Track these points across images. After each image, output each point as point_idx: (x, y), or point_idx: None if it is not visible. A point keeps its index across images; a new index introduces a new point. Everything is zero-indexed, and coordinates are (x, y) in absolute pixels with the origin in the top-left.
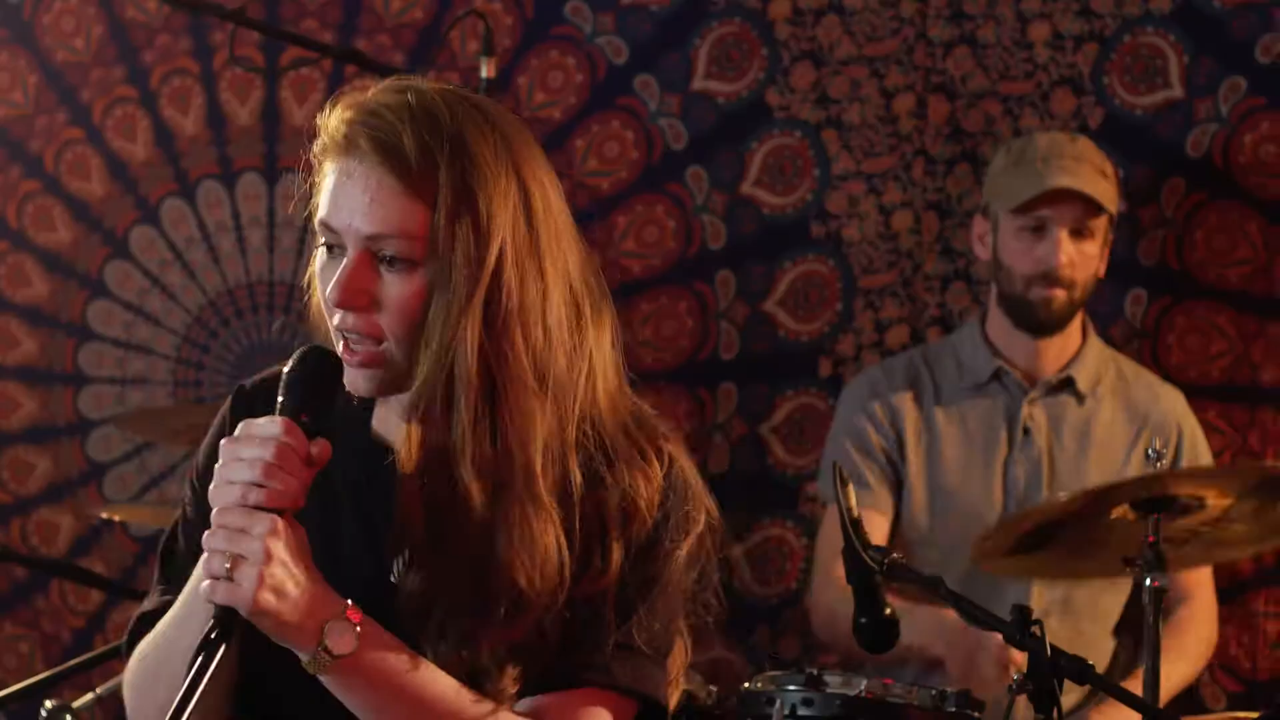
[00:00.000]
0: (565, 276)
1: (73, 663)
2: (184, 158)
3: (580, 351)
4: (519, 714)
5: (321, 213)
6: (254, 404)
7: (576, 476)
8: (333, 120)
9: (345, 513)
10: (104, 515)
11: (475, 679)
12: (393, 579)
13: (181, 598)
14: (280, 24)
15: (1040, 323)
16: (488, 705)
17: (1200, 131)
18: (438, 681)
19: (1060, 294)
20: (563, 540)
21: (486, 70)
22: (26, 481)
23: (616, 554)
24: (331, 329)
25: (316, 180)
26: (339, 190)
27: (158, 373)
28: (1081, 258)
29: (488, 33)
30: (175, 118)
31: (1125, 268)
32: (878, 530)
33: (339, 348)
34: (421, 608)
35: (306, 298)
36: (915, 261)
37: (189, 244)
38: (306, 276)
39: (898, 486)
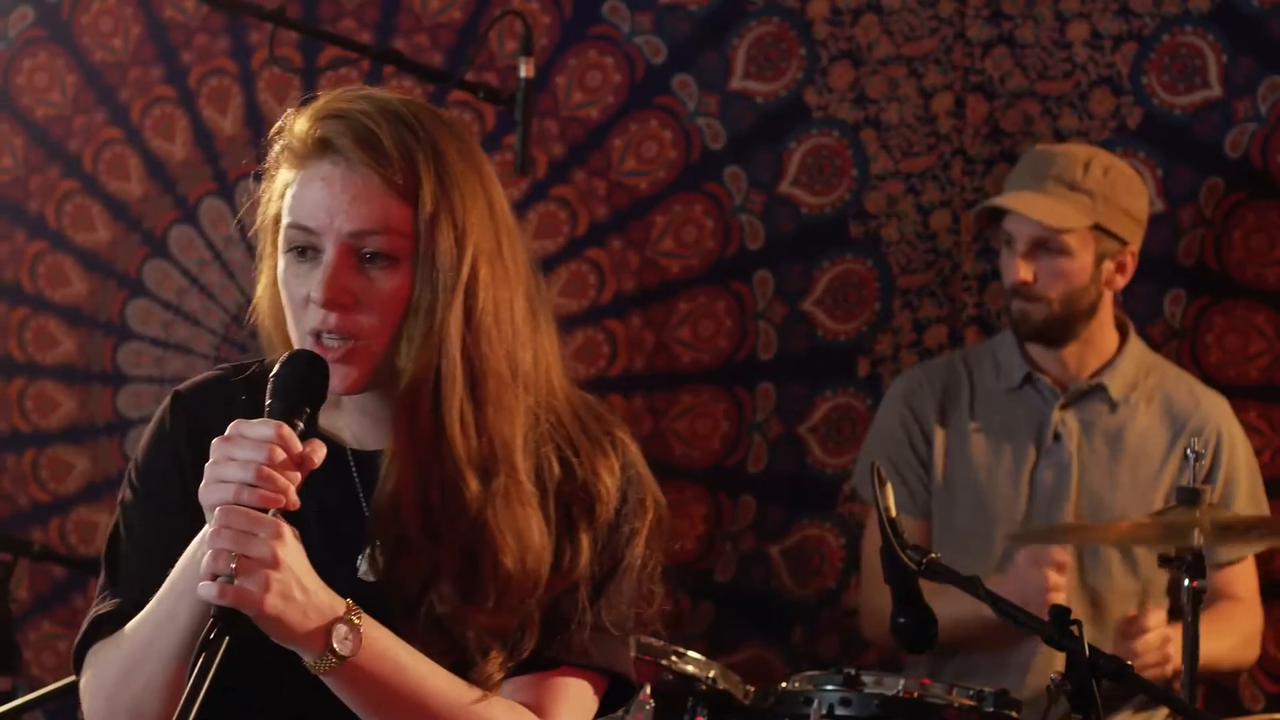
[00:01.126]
0: (521, 274)
1: None
2: (222, 157)
3: (540, 347)
4: (505, 700)
5: (291, 216)
6: (196, 408)
7: (554, 465)
8: (299, 125)
9: (308, 512)
10: None
11: (462, 665)
12: (360, 575)
13: (155, 601)
14: (318, 24)
15: (1027, 334)
16: (481, 696)
17: (1239, 131)
18: (435, 676)
19: (1033, 307)
20: (543, 526)
21: (525, 70)
22: (65, 481)
23: (585, 542)
24: (303, 331)
25: (269, 188)
26: (313, 192)
27: (196, 371)
28: (1052, 273)
29: (526, 32)
30: (214, 117)
31: (1164, 267)
32: (916, 534)
33: (310, 347)
34: (414, 598)
35: (252, 317)
36: (953, 261)
37: (227, 244)
38: (255, 299)
39: (929, 491)
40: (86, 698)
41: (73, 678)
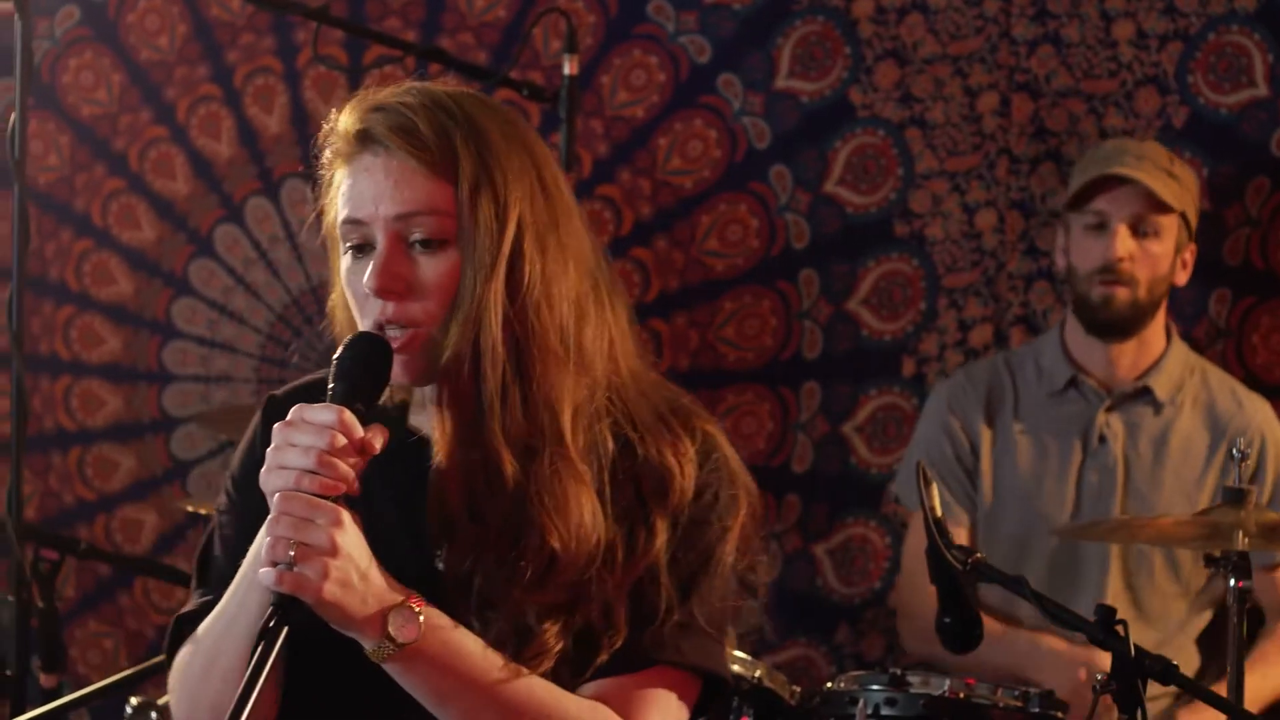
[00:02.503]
0: (581, 252)
1: (156, 660)
2: (268, 156)
3: (601, 325)
4: (587, 697)
5: (343, 213)
6: (284, 412)
7: (608, 441)
8: (341, 124)
9: (386, 505)
10: (189, 508)
11: (517, 640)
12: (438, 566)
13: (228, 595)
14: (364, 22)
15: (1104, 322)
16: (552, 689)
17: None
18: (502, 669)
19: (1121, 291)
20: (596, 502)
21: (569, 68)
22: (111, 479)
23: (660, 527)
24: (366, 325)
25: (328, 193)
26: (359, 184)
27: (241, 370)
28: (1144, 255)
29: (570, 31)
30: (259, 116)
31: (1209, 267)
32: (960, 538)
33: None
34: (463, 580)
35: (325, 322)
36: (999, 260)
37: (273, 242)
38: (330, 305)
39: (973, 498)
40: (173, 695)
41: (118, 676)
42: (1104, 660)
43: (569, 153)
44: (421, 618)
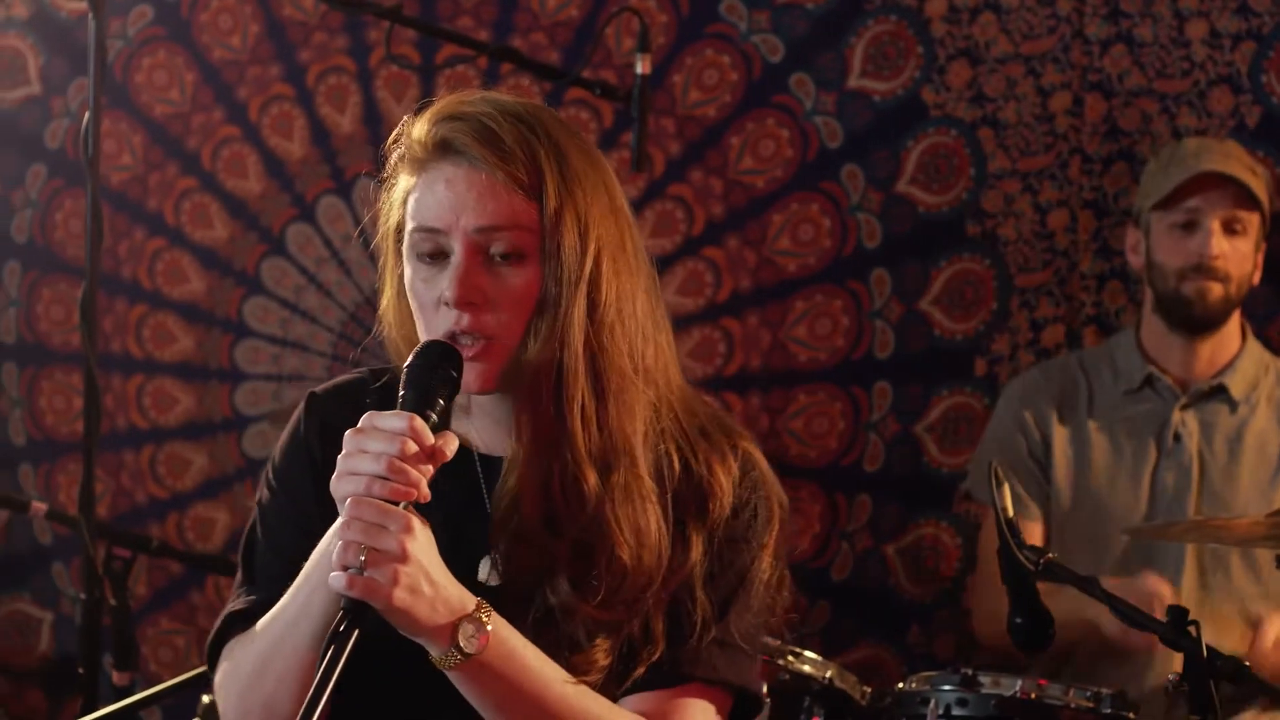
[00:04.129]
0: (645, 272)
1: None
2: (340, 155)
3: (660, 344)
4: (631, 711)
5: (416, 220)
6: (329, 410)
7: (675, 462)
8: (416, 132)
9: (431, 511)
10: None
11: (568, 653)
12: (480, 579)
13: (288, 596)
14: (436, 22)
15: (1196, 319)
16: (604, 703)
17: None
18: (561, 682)
19: (1215, 287)
20: (661, 521)
21: (641, 67)
22: (183, 477)
23: (696, 542)
24: (436, 334)
25: (389, 198)
26: (437, 194)
27: (313, 369)
28: (1235, 253)
29: (643, 30)
30: (331, 115)
31: None
32: (1033, 536)
33: None
34: (525, 591)
35: (376, 330)
36: (1071, 260)
37: (345, 241)
38: (381, 310)
39: (1047, 494)
40: (221, 694)
41: (189, 674)
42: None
43: (641, 152)
44: (490, 628)
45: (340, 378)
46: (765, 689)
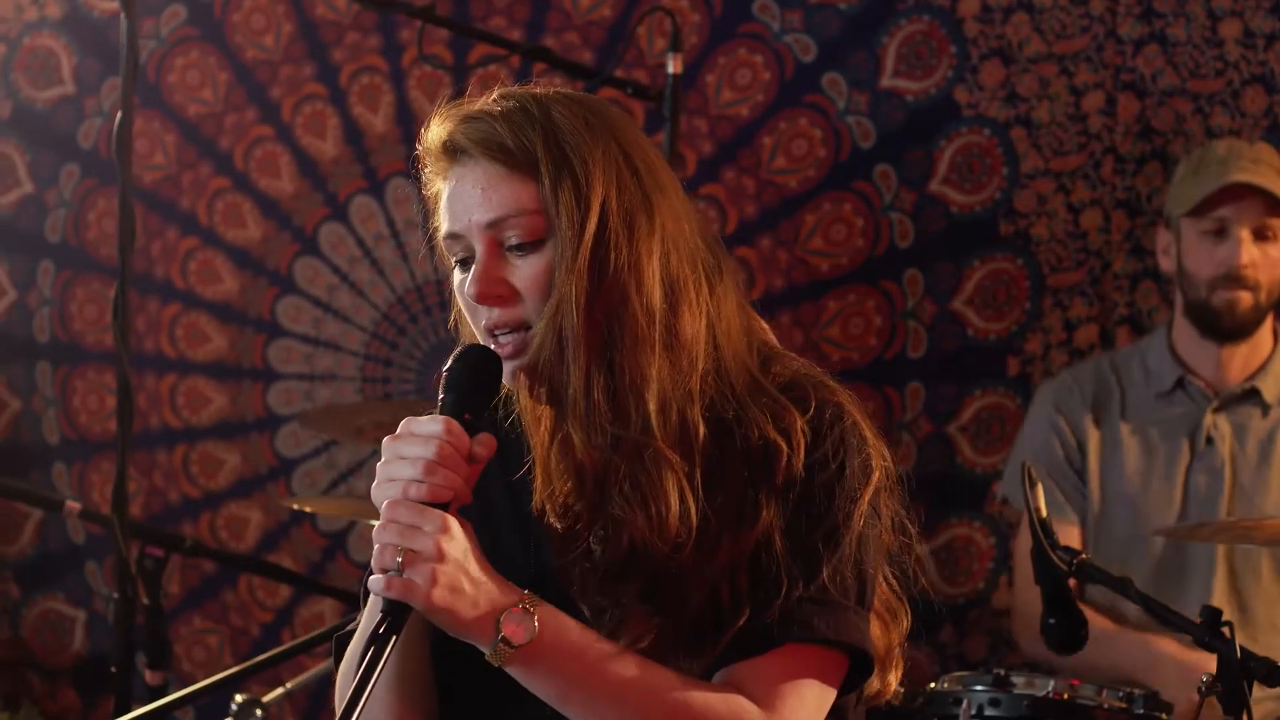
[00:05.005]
0: (678, 234)
1: (261, 657)
2: (373, 155)
3: (698, 306)
4: (717, 685)
5: (444, 229)
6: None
7: (699, 426)
8: (430, 136)
9: (501, 509)
10: (293, 506)
11: (619, 624)
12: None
13: (370, 600)
14: (469, 21)
15: (1225, 328)
16: (678, 680)
17: None
18: (623, 659)
19: (1245, 296)
20: (685, 488)
21: (673, 66)
22: (216, 476)
23: (765, 502)
24: (480, 334)
25: (431, 206)
26: (453, 197)
27: (346, 369)
28: (1265, 260)
29: (675, 30)
30: (364, 115)
31: None
32: (1069, 539)
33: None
34: (568, 570)
35: (453, 324)
36: (1104, 260)
37: (377, 241)
38: (453, 318)
39: (1083, 496)
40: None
41: (223, 674)
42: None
43: (673, 152)
44: (535, 618)
45: None
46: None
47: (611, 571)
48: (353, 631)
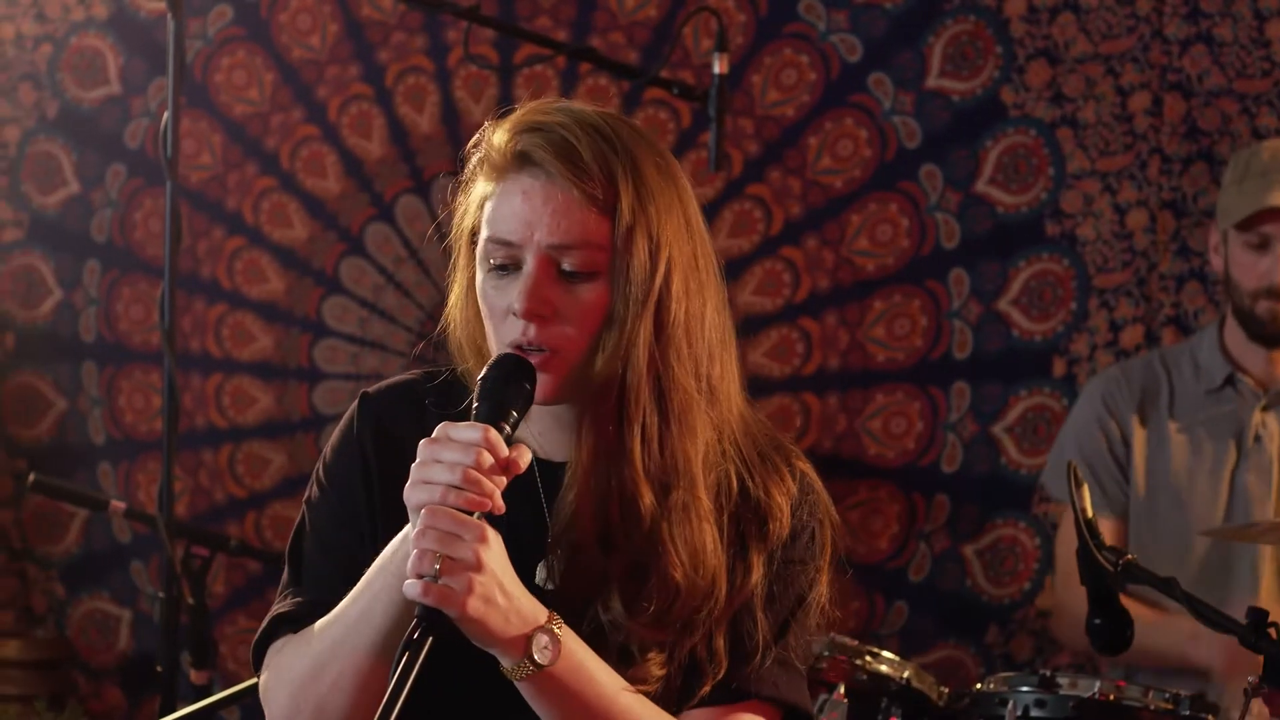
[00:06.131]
0: (717, 290)
1: None
2: (418, 155)
3: (725, 362)
4: None
5: (490, 230)
6: (382, 411)
7: (733, 484)
8: (497, 138)
9: (494, 523)
10: None
11: (622, 666)
12: (538, 583)
13: (347, 601)
14: (514, 21)
15: (1269, 334)
16: (668, 718)
17: None
18: (628, 695)
19: None
20: (718, 542)
21: (719, 66)
22: (261, 476)
23: (756, 563)
24: (503, 342)
25: (466, 200)
26: (513, 205)
27: (391, 369)
28: None
29: (721, 30)
30: (410, 115)
31: None
32: (1111, 535)
33: None
34: (577, 604)
35: (441, 328)
36: (1150, 261)
37: (423, 241)
38: (448, 309)
39: (1125, 490)
40: (268, 695)
41: None
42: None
43: (719, 152)
44: (561, 641)
45: (394, 378)
46: (842, 690)
47: (650, 619)
48: (293, 614)
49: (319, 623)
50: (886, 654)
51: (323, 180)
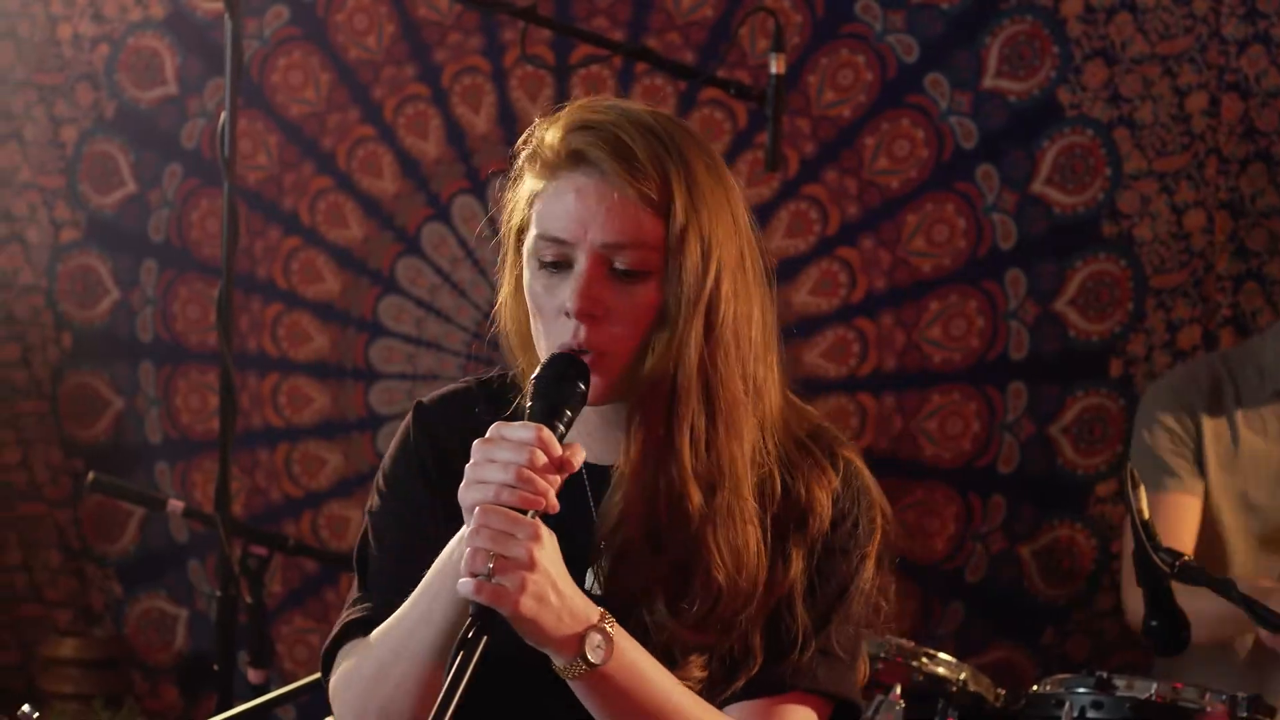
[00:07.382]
0: (762, 291)
1: None
2: (475, 155)
3: (770, 363)
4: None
5: (541, 228)
6: (436, 420)
7: (777, 484)
8: (550, 136)
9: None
10: None
11: (664, 665)
12: (586, 588)
13: (409, 603)
14: (571, 21)
15: None
16: (715, 713)
17: None
18: (680, 693)
19: None
20: (761, 543)
21: (776, 67)
22: (317, 476)
23: (796, 558)
24: (553, 341)
25: (514, 197)
26: (566, 203)
27: (447, 369)
28: None
29: (778, 29)
30: (466, 115)
31: None
32: (1191, 516)
33: None
34: (623, 604)
35: (493, 327)
36: (1207, 261)
37: (479, 241)
38: (497, 306)
39: (1202, 476)
40: (336, 698)
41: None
42: None
43: (775, 152)
44: (613, 640)
45: (447, 387)
46: (898, 691)
47: (693, 621)
48: (363, 620)
49: (381, 626)
50: (943, 655)
51: (379, 180)
